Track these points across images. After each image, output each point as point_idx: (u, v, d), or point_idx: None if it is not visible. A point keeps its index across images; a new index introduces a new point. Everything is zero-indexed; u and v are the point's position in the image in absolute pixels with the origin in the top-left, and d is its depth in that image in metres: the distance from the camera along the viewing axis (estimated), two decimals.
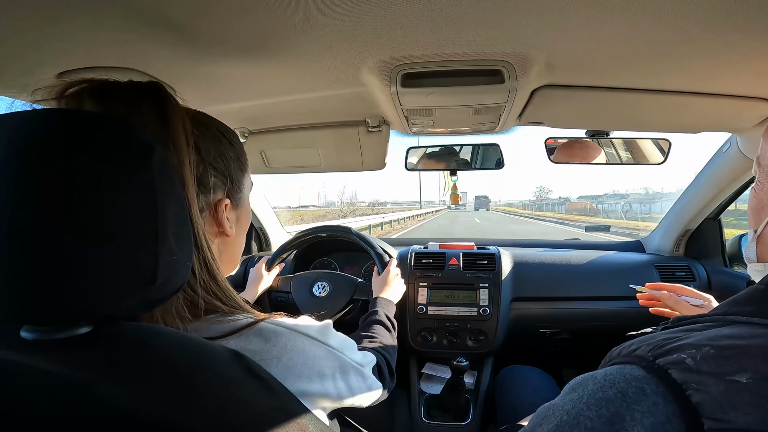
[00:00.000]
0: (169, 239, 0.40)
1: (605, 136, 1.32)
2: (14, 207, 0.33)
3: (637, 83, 0.98)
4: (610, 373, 0.45)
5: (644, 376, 0.43)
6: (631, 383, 0.42)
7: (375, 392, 0.79)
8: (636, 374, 0.43)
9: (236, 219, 0.67)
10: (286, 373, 0.56)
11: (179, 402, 0.36)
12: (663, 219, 1.86)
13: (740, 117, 1.15)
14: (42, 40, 0.68)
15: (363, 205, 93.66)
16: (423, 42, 0.77)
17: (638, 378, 0.43)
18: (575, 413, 0.43)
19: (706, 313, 0.52)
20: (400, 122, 1.19)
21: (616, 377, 0.44)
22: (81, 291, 0.35)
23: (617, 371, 0.45)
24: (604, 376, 0.45)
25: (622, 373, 0.44)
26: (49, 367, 0.35)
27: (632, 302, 1.61)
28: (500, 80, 0.90)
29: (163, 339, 0.41)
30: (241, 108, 1.13)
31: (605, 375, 0.45)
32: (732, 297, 0.51)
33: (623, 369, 0.45)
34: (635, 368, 0.44)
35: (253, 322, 0.57)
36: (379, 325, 1.06)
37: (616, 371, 0.45)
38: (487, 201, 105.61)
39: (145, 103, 0.52)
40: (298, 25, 0.69)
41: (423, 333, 1.57)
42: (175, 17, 0.66)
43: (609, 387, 0.43)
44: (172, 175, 0.43)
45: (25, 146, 0.35)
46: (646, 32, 0.72)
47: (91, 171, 0.36)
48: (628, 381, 0.43)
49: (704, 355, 0.41)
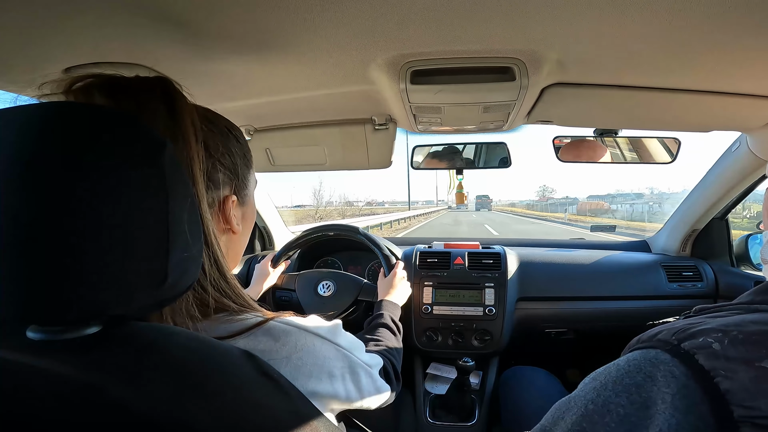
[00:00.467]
0: (180, 236, 0.39)
1: (614, 135, 1.31)
2: (22, 203, 0.32)
3: (648, 82, 0.97)
4: (633, 359, 0.45)
5: (671, 359, 0.42)
6: (658, 367, 0.42)
7: (383, 394, 0.79)
8: (661, 358, 0.43)
9: (242, 216, 0.67)
10: (295, 373, 0.55)
11: (193, 405, 0.35)
12: (669, 219, 1.85)
13: (751, 116, 1.14)
14: (49, 35, 0.67)
15: (359, 205, 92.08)
16: (434, 39, 0.76)
17: (665, 361, 0.42)
18: (602, 401, 0.43)
19: (729, 303, 0.52)
20: (408, 120, 1.18)
21: (640, 362, 0.44)
22: (92, 290, 0.34)
23: (641, 356, 0.45)
24: (627, 362, 0.45)
25: (646, 357, 0.44)
26: (59, 369, 0.34)
27: (638, 302, 1.61)
28: (511, 78, 0.89)
29: (175, 339, 0.40)
30: (246, 105, 1.13)
31: (628, 361, 0.45)
32: (757, 286, 0.51)
33: (647, 353, 0.45)
34: (659, 352, 0.44)
35: (262, 321, 0.56)
36: (384, 328, 1.05)
37: (640, 356, 0.45)
38: (488, 201, 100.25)
39: (154, 98, 0.51)
40: (307, 22, 0.69)
41: (428, 333, 1.56)
42: (182, 13, 0.65)
43: (636, 372, 0.43)
44: (183, 170, 0.42)
45: (35, 140, 0.34)
46: (660, 30, 0.71)
47: (103, 166, 0.35)
48: (654, 365, 0.42)
49: (732, 340, 0.41)
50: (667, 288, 1.61)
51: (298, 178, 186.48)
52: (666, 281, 1.62)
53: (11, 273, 0.32)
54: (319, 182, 63.74)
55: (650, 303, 1.60)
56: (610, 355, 0.56)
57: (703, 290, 1.62)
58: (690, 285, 1.62)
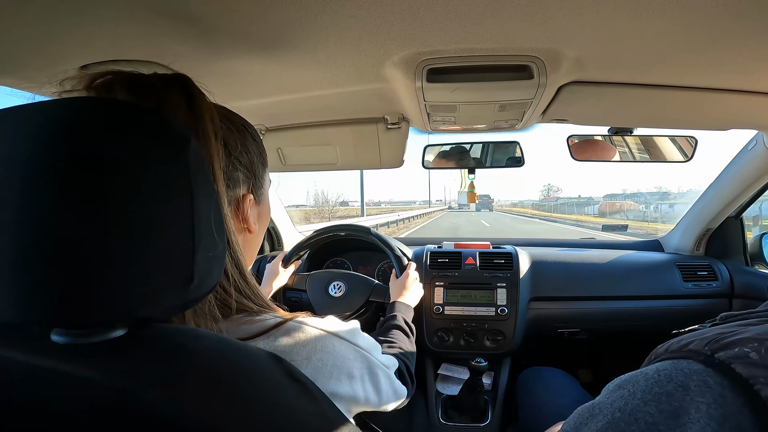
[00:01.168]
0: (205, 235, 0.38)
1: (629, 133, 1.30)
2: (46, 203, 0.31)
3: (666, 80, 0.96)
4: (663, 368, 0.44)
5: (704, 370, 0.42)
6: (691, 377, 0.41)
7: (400, 395, 0.78)
8: (695, 368, 0.42)
9: (258, 215, 0.66)
10: (315, 374, 0.55)
11: (225, 410, 0.34)
12: (683, 218, 1.83)
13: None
14: (66, 32, 0.67)
15: (355, 205, 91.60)
16: (452, 36, 0.76)
17: (698, 371, 0.42)
18: (630, 410, 0.42)
19: (756, 309, 0.51)
20: (421, 119, 1.17)
21: (672, 372, 0.43)
22: (118, 292, 0.33)
23: (672, 366, 0.44)
24: (657, 372, 0.44)
25: (678, 367, 0.43)
26: (86, 374, 0.33)
27: (653, 302, 1.59)
28: (528, 76, 0.88)
29: (203, 343, 0.39)
30: (259, 104, 1.12)
31: (658, 370, 0.44)
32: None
33: (678, 364, 0.44)
34: (692, 363, 0.43)
35: (281, 321, 0.56)
36: (398, 330, 1.04)
37: (671, 366, 0.44)
38: (489, 201, 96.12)
39: (175, 94, 0.51)
40: (322, 19, 0.68)
41: (439, 333, 1.55)
42: (198, 11, 0.65)
43: (666, 382, 0.42)
44: (207, 167, 0.42)
45: (59, 137, 0.33)
46: (680, 28, 0.70)
47: (129, 162, 0.34)
48: (687, 375, 0.42)
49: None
50: (682, 287, 1.59)
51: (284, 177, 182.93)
52: (681, 281, 1.60)
53: (35, 275, 0.31)
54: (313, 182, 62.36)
55: (665, 303, 1.59)
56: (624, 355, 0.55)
57: (718, 290, 1.60)
58: (705, 284, 1.60)
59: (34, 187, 0.31)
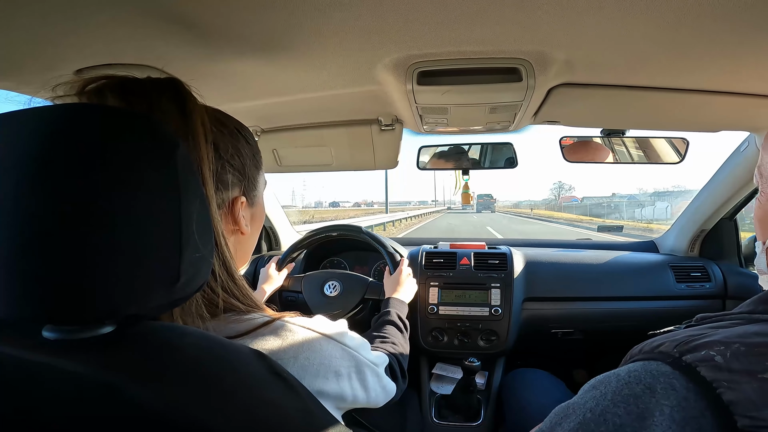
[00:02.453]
0: (192, 236, 0.40)
1: (621, 135, 1.31)
2: (39, 205, 0.32)
3: (656, 82, 0.97)
4: (634, 370, 0.45)
5: (671, 372, 0.43)
6: (658, 379, 0.42)
7: (389, 392, 0.79)
8: (662, 370, 0.43)
9: (251, 217, 0.67)
10: (302, 372, 0.56)
11: (207, 404, 0.35)
12: (677, 219, 1.84)
13: (760, 116, 1.14)
14: (61, 36, 0.68)
15: (347, 206, 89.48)
16: (441, 39, 0.76)
17: (665, 374, 0.43)
18: (600, 410, 0.43)
19: (731, 311, 0.52)
20: (414, 120, 1.18)
21: (641, 373, 0.44)
22: (107, 290, 0.34)
23: (641, 367, 0.45)
24: (627, 373, 0.45)
25: (647, 369, 0.44)
26: (75, 368, 0.34)
27: (646, 302, 1.60)
28: (518, 78, 0.89)
29: (188, 339, 0.41)
30: (254, 106, 1.13)
31: (629, 372, 0.45)
32: (757, 296, 0.51)
33: (648, 365, 0.45)
34: (661, 364, 0.44)
35: (269, 320, 0.57)
36: (391, 325, 1.05)
37: (641, 367, 0.45)
38: (491, 201, 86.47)
39: (165, 99, 0.52)
40: (315, 23, 0.69)
41: (434, 333, 1.56)
42: (192, 15, 0.66)
43: (635, 383, 0.43)
44: (195, 171, 0.43)
45: (50, 142, 0.34)
46: (669, 31, 0.71)
47: (118, 167, 0.35)
48: (654, 377, 0.43)
49: (734, 353, 0.41)
50: (676, 288, 1.60)
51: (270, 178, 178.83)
52: (674, 282, 1.61)
53: (27, 273, 0.33)
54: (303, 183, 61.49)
55: (658, 303, 1.60)
56: (618, 355, 0.56)
57: (711, 291, 1.60)
58: (698, 285, 1.61)
59: (28, 191, 0.33)
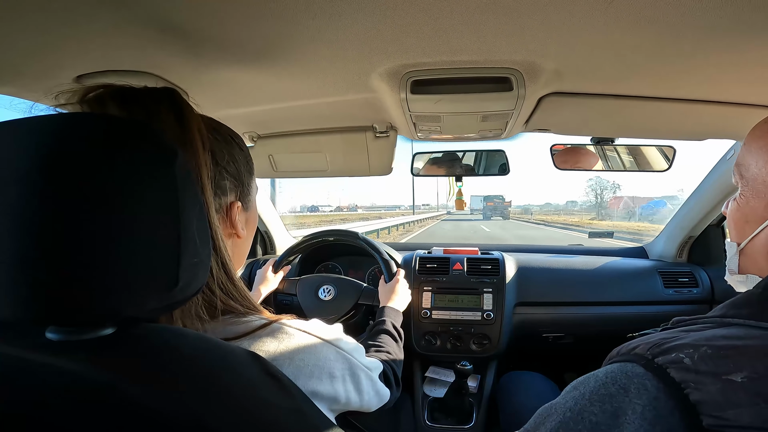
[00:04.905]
0: (190, 242, 0.41)
1: (610, 143, 1.33)
2: (41, 211, 0.34)
3: (643, 91, 0.99)
4: (611, 371, 0.47)
5: (644, 373, 0.45)
6: (632, 379, 0.44)
7: (383, 397, 0.80)
8: (636, 371, 0.45)
9: (246, 221, 0.68)
10: (297, 373, 0.57)
11: (203, 403, 0.36)
12: (666, 225, 1.87)
13: (744, 124, 1.15)
14: (60, 43, 0.69)
15: (327, 210, 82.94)
16: (434, 49, 0.78)
17: (639, 375, 0.45)
18: (578, 409, 0.45)
19: (704, 315, 0.54)
20: (408, 128, 1.20)
21: (617, 374, 0.46)
22: (108, 292, 0.36)
23: (618, 369, 0.47)
24: (605, 374, 0.47)
25: (623, 370, 0.46)
26: (75, 368, 0.35)
27: (635, 307, 1.62)
28: (508, 88, 0.90)
29: (186, 340, 0.42)
30: (250, 112, 1.15)
31: (606, 373, 0.47)
32: (729, 300, 0.53)
33: (624, 366, 0.47)
34: (635, 366, 0.46)
35: (266, 323, 0.58)
36: (386, 334, 1.07)
37: (617, 369, 0.47)
38: (502, 204, 63.11)
39: (163, 108, 0.53)
40: (310, 32, 0.70)
41: (427, 337, 1.57)
42: (190, 23, 0.67)
43: (611, 384, 0.45)
44: (193, 178, 0.44)
45: (52, 150, 0.35)
46: (654, 40, 0.73)
47: (119, 174, 0.36)
48: (629, 377, 0.45)
49: (702, 355, 0.43)
50: (664, 294, 1.63)
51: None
52: (662, 287, 1.64)
53: (31, 276, 0.34)
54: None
55: (647, 308, 1.62)
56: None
57: (698, 296, 1.63)
58: (686, 291, 1.64)
59: (32, 198, 0.34)
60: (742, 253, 0.62)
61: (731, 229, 0.65)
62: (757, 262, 0.60)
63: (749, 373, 0.40)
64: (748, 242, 0.60)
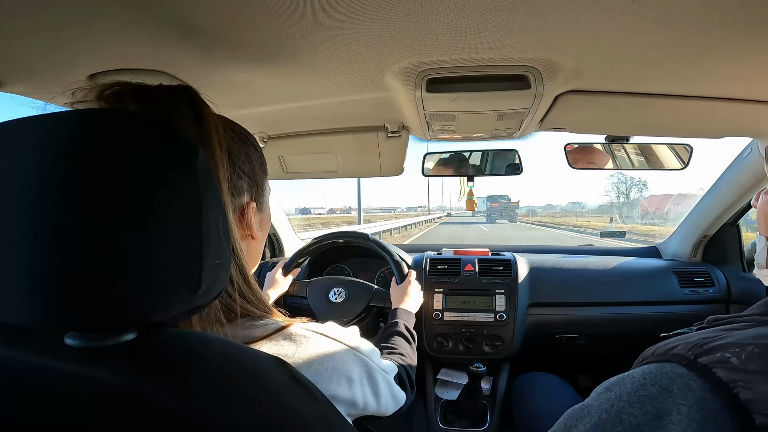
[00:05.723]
0: (213, 243, 0.40)
1: (625, 141, 1.32)
2: (62, 212, 0.32)
3: (661, 89, 0.98)
4: (649, 372, 0.46)
5: (687, 374, 0.43)
6: (674, 380, 0.43)
7: (399, 400, 0.79)
8: (678, 372, 0.44)
9: (260, 222, 0.67)
10: (316, 377, 0.56)
11: (235, 410, 0.35)
12: (680, 224, 1.85)
13: (763, 122, 1.15)
14: (73, 41, 0.68)
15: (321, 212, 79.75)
16: (450, 47, 0.77)
17: (681, 375, 0.43)
18: (616, 411, 0.43)
19: (741, 314, 0.53)
20: (421, 127, 1.19)
21: (656, 375, 0.45)
22: (132, 297, 0.34)
23: (656, 369, 0.46)
24: (642, 375, 0.46)
25: (662, 370, 0.45)
26: (98, 375, 0.34)
27: (650, 307, 1.61)
28: (526, 86, 0.89)
29: (211, 345, 0.41)
30: (261, 113, 1.14)
31: (644, 373, 0.46)
32: (766, 298, 0.52)
33: (663, 367, 0.46)
34: (676, 366, 0.45)
35: (283, 326, 0.57)
36: (399, 336, 1.06)
37: (656, 369, 0.46)
38: (509, 205, 55.99)
39: (182, 106, 0.52)
40: (324, 31, 0.70)
41: (439, 339, 1.56)
42: (204, 22, 0.67)
43: (651, 384, 0.44)
44: (213, 178, 0.43)
45: (76, 147, 0.34)
46: (676, 38, 0.72)
47: (143, 172, 0.35)
48: (670, 378, 0.43)
49: (749, 354, 0.42)
50: (680, 293, 1.61)
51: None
52: (678, 287, 1.62)
53: (51, 281, 0.32)
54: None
55: (663, 308, 1.60)
56: (623, 360, 0.56)
57: (715, 295, 1.61)
58: (702, 290, 1.61)
59: (51, 197, 0.32)
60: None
61: (761, 222, 0.64)
62: None
63: None
64: None
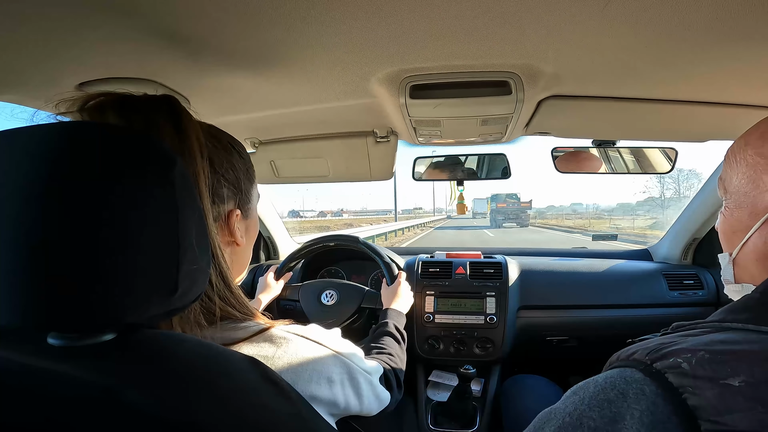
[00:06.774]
0: (189, 249, 0.41)
1: (612, 145, 1.33)
2: (43, 219, 0.34)
3: (643, 93, 0.99)
4: (609, 376, 0.47)
5: (643, 378, 0.44)
6: (631, 385, 0.44)
7: (383, 401, 0.80)
8: (635, 377, 0.45)
9: (245, 229, 0.69)
10: (295, 377, 0.57)
11: (203, 408, 0.37)
12: (670, 228, 1.86)
13: (746, 126, 1.15)
14: (62, 50, 0.70)
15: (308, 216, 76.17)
16: (432, 54, 0.79)
17: (638, 380, 0.45)
18: (578, 414, 0.45)
19: (703, 320, 0.54)
20: (408, 133, 1.20)
21: (615, 379, 0.46)
22: (109, 299, 0.36)
23: (617, 374, 0.47)
24: (604, 379, 0.47)
25: (622, 375, 0.46)
26: (78, 374, 0.36)
27: (640, 310, 1.61)
28: (507, 91, 0.91)
29: (185, 346, 0.42)
30: (252, 118, 1.15)
31: (605, 378, 0.47)
32: (728, 305, 0.53)
33: (623, 372, 0.47)
34: (634, 371, 0.46)
35: (264, 328, 0.59)
36: (389, 336, 1.07)
37: (616, 374, 0.47)
38: (518, 206, 45.44)
39: (162, 116, 0.54)
40: (308, 38, 0.71)
41: (430, 341, 1.57)
42: (191, 31, 0.68)
43: (610, 389, 0.45)
44: (192, 186, 0.45)
45: (53, 159, 0.36)
46: (652, 43, 0.73)
47: (119, 182, 0.37)
48: (628, 383, 0.45)
49: (699, 360, 0.43)
50: (669, 296, 1.62)
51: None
52: (667, 289, 1.63)
53: (33, 283, 0.34)
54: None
55: (652, 311, 1.61)
56: None
57: (704, 298, 1.62)
58: (691, 293, 1.62)
59: (34, 205, 0.34)
60: (735, 263, 0.63)
61: (722, 240, 0.66)
62: (748, 270, 0.60)
63: (747, 377, 0.40)
64: (738, 252, 0.61)
